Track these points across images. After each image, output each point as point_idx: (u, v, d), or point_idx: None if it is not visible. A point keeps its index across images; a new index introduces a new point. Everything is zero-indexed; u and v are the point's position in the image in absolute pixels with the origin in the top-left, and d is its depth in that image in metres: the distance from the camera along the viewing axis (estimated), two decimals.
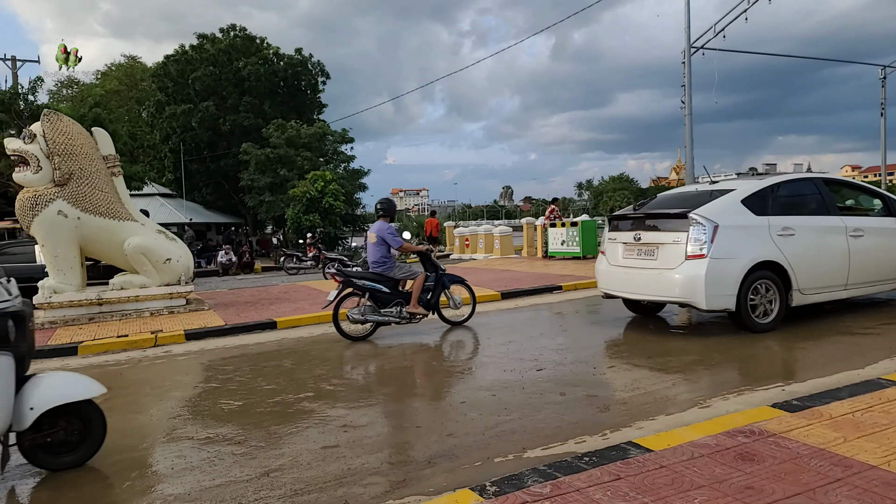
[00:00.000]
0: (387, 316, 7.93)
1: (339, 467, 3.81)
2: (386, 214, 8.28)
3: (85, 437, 4.13)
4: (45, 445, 3.99)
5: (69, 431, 4.07)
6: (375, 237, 8.12)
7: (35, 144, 9.68)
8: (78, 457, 4.09)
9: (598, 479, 3.12)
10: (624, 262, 7.57)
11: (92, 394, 4.16)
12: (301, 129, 32.61)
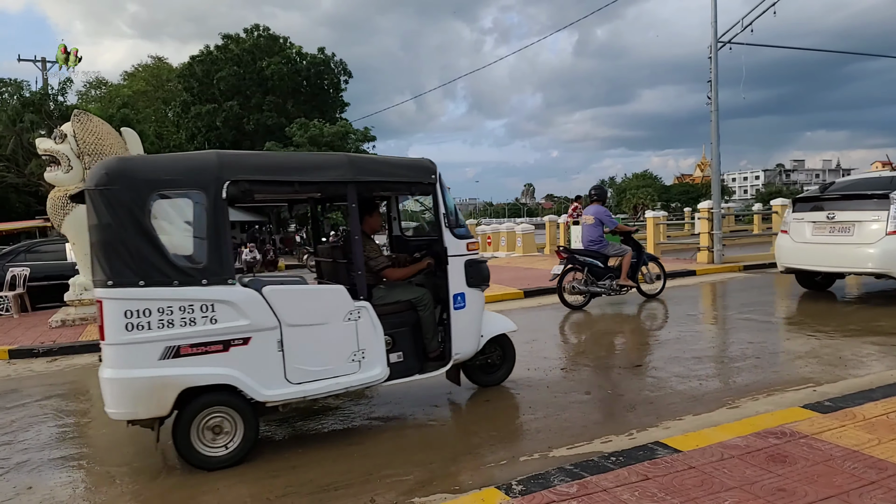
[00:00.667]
0: (601, 288, 9.07)
1: (365, 464, 3.83)
2: (599, 199, 9.61)
3: (503, 361, 5.36)
4: (483, 366, 5.25)
5: (495, 356, 5.31)
6: (593, 219, 9.29)
7: (66, 144, 9.88)
8: (499, 376, 5.34)
9: (626, 479, 3.10)
10: (813, 239, 8.50)
11: (510, 329, 5.29)
12: (324, 128, 32.85)
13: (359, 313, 4.26)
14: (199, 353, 3.76)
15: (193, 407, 3.81)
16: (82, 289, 10.05)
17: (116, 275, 3.63)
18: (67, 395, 6.23)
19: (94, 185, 3.65)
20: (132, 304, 3.62)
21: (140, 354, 3.65)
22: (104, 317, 3.63)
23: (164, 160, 4.09)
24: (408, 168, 4.66)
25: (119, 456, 4.31)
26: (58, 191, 9.94)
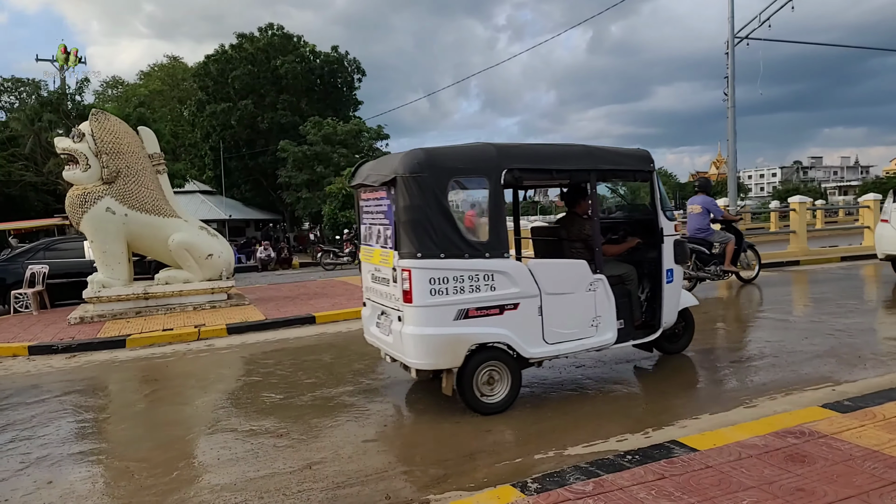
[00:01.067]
0: (707, 273, 9.62)
1: (380, 461, 3.85)
2: (703, 190, 10.20)
3: (685, 331, 5.97)
4: (670, 335, 5.76)
5: (680, 327, 5.85)
6: (700, 208, 9.88)
7: (84, 143, 9.99)
8: (681, 345, 5.98)
9: (642, 477, 3.08)
10: None
11: (693, 303, 5.92)
12: (337, 127, 32.94)
13: (596, 284, 4.88)
14: (483, 316, 4.47)
15: (476, 360, 4.52)
16: (100, 286, 10.17)
17: (424, 248, 4.33)
18: (86, 390, 6.31)
19: (409, 173, 4.31)
20: (435, 273, 4.35)
21: (440, 315, 4.38)
22: (412, 283, 4.34)
23: (457, 151, 4.65)
24: (632, 158, 5.20)
25: (137, 451, 4.36)
26: (76, 189, 10.06)
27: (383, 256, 4.85)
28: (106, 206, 9.97)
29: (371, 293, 5.26)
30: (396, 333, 4.62)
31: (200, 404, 5.53)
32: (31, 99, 35.42)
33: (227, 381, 6.55)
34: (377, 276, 5.04)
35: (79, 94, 27.44)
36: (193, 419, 5.08)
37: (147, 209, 10.35)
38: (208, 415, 5.14)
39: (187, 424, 4.97)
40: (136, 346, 8.21)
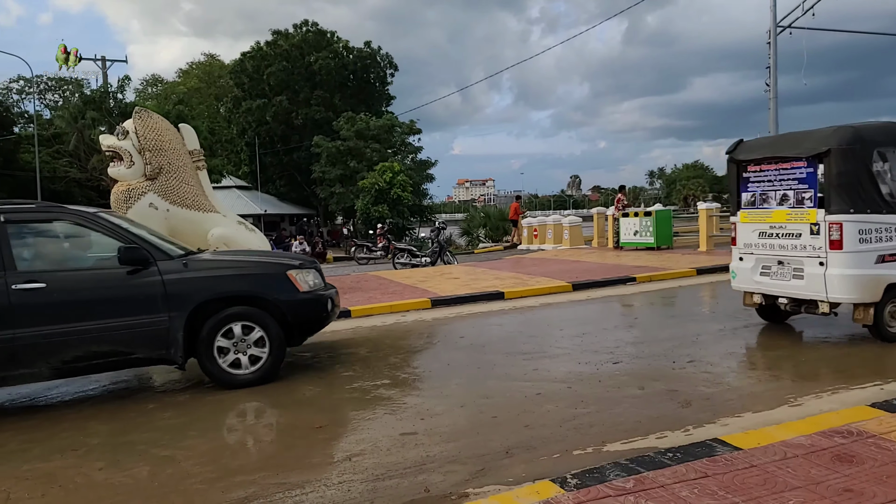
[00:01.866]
0: None
1: (418, 454, 3.88)
2: None
3: None
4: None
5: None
6: None
7: (128, 141, 10.26)
8: None
9: (684, 475, 3.05)
10: None
11: None
12: (370, 122, 33.17)
13: None
14: (892, 261, 5.80)
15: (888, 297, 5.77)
16: None
17: (854, 205, 5.67)
18: (130, 379, 6.50)
19: (843, 145, 5.62)
20: (862, 225, 5.70)
21: (864, 260, 5.73)
22: (843, 234, 5.67)
23: (878, 127, 6.01)
24: None
25: (182, 440, 4.47)
26: (120, 185, 10.34)
27: (792, 215, 6.15)
28: (149, 202, 10.23)
29: (758, 248, 6.53)
30: (813, 276, 5.89)
31: (238, 397, 5.64)
32: (74, 97, 36.49)
33: None
34: (774, 233, 6.32)
35: (120, 92, 28.13)
36: (234, 411, 5.19)
37: (188, 204, 10.59)
38: (246, 406, 5.25)
39: (229, 416, 5.08)
40: None
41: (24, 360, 5.14)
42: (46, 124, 40.55)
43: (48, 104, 53.75)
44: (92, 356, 5.31)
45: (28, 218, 5.57)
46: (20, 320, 5.07)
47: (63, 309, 5.22)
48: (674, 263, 13.18)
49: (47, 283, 5.20)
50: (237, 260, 6.37)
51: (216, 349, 5.57)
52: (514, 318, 8.52)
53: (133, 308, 5.36)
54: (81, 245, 5.93)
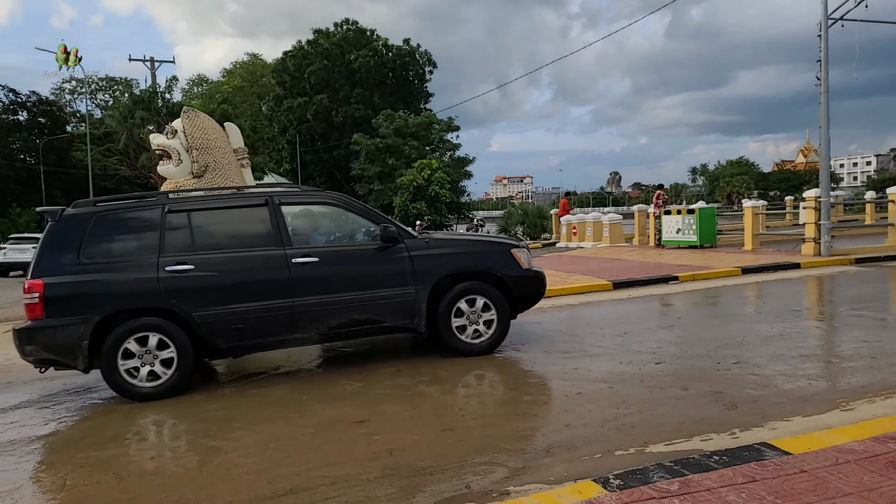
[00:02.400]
0: None
1: (459, 451, 3.90)
2: None
3: None
4: None
5: None
6: None
7: (176, 139, 10.55)
8: None
9: (731, 479, 2.99)
10: None
11: None
12: (408, 119, 33.34)
13: None
14: None
15: None
16: None
17: None
18: None
19: None
20: None
21: None
22: None
23: None
24: None
25: (228, 431, 4.59)
26: (169, 183, 10.64)
27: None
28: None
29: None
30: None
31: (283, 389, 5.76)
32: (124, 97, 37.67)
33: (311, 366, 6.79)
34: None
35: (168, 91, 28.91)
36: (277, 403, 5.30)
37: None
38: (291, 398, 5.35)
39: (271, 408, 5.19)
40: None
41: (300, 326, 5.80)
42: (98, 123, 42.06)
43: (99, 104, 55.72)
44: (352, 323, 5.94)
45: (296, 200, 6.36)
46: (298, 290, 5.73)
47: (332, 281, 5.87)
48: (718, 262, 12.89)
49: (319, 257, 5.87)
50: (469, 239, 7.29)
51: (453, 321, 6.16)
52: (553, 317, 8.46)
53: (386, 281, 5.98)
54: (339, 224, 6.61)
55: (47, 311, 5.26)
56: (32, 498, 3.69)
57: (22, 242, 22.55)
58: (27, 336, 5.31)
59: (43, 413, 5.35)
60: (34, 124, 49.82)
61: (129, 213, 5.82)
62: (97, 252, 5.47)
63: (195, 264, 5.56)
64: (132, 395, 5.41)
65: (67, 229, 5.48)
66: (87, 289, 5.36)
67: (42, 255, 5.37)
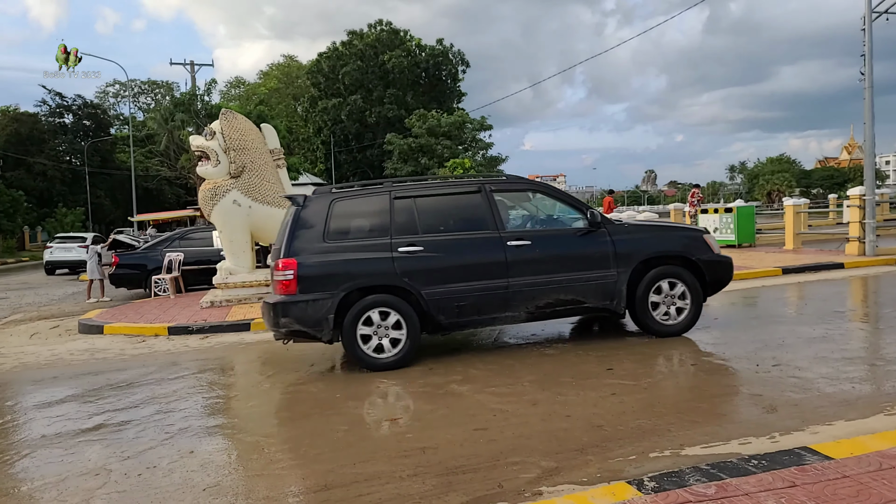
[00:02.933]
0: None
1: (491, 450, 3.90)
2: None
3: None
4: None
5: None
6: None
7: (214, 141, 10.80)
8: None
9: (770, 484, 2.93)
10: None
11: None
12: (441, 119, 33.40)
13: None
14: None
15: None
16: (228, 273, 10.97)
17: None
18: (218, 369, 6.86)
19: None
20: None
21: None
22: None
23: None
24: None
25: (265, 427, 4.69)
26: (207, 183, 10.90)
27: None
28: (233, 199, 10.74)
29: None
30: None
31: (319, 386, 5.84)
32: (165, 100, 38.59)
33: (344, 365, 6.87)
34: None
35: (207, 94, 29.48)
36: (313, 400, 5.38)
37: (268, 201, 11.04)
38: (326, 396, 5.43)
39: (308, 404, 5.28)
40: (260, 329, 8.80)
41: (512, 305, 6.18)
42: (140, 126, 43.23)
43: (141, 107, 57.26)
44: (557, 304, 6.29)
45: (504, 187, 6.76)
46: (513, 271, 6.12)
47: (543, 263, 6.23)
48: (757, 262, 12.60)
49: (531, 240, 6.25)
50: (664, 225, 7.70)
51: (650, 303, 6.42)
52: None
53: (591, 264, 6.30)
54: (544, 209, 7.05)
55: (300, 287, 5.81)
56: (77, 489, 3.82)
57: (67, 241, 23.29)
58: (283, 309, 5.85)
59: (87, 407, 5.53)
60: (79, 127, 51.51)
61: (360, 199, 6.37)
62: (338, 234, 6.03)
63: (423, 246, 6.04)
64: (369, 366, 5.95)
65: (312, 214, 6.04)
66: (334, 267, 5.90)
67: (293, 237, 5.93)
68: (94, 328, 9.44)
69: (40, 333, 9.71)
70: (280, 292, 5.87)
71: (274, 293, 6.01)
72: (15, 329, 10.29)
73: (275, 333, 6.12)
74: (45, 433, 4.82)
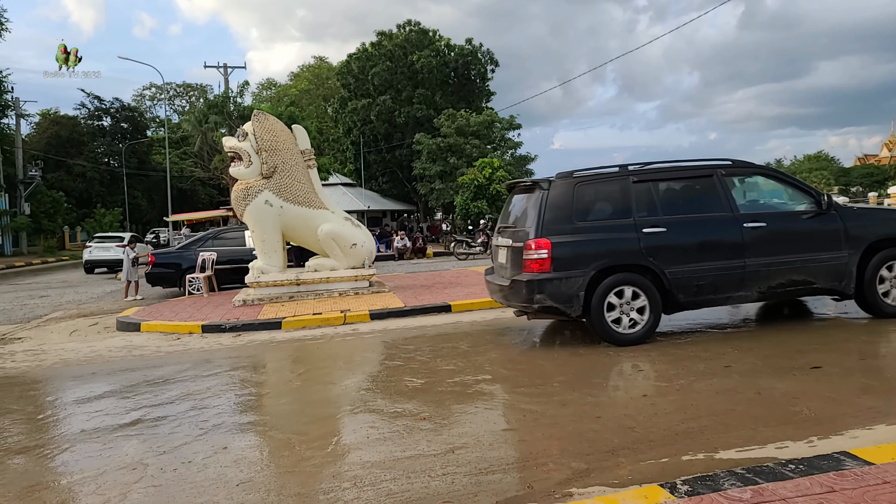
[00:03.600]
0: None
1: (521, 450, 3.89)
2: None
3: None
4: None
5: None
6: None
7: (247, 142, 10.96)
8: None
9: (808, 489, 2.86)
10: None
11: None
12: (470, 118, 33.35)
13: None
14: None
15: None
16: (260, 272, 11.13)
17: None
18: (250, 367, 6.96)
19: None
20: None
21: None
22: None
23: None
24: None
25: (295, 425, 4.75)
26: (240, 184, 11.07)
27: None
28: (265, 199, 10.89)
29: None
30: None
31: (349, 385, 5.90)
32: (199, 102, 39.31)
33: (372, 364, 6.92)
34: None
35: (240, 96, 29.91)
36: (343, 398, 5.43)
37: (299, 201, 11.17)
38: (356, 395, 5.47)
39: (338, 403, 5.33)
40: (290, 327, 8.92)
41: (746, 285, 6.46)
42: (175, 128, 44.15)
43: (176, 109, 58.48)
44: (789, 284, 6.53)
45: (734, 172, 6.86)
46: (749, 252, 6.39)
47: (777, 244, 6.48)
48: None
49: (766, 222, 6.52)
50: (890, 209, 7.86)
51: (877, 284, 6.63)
52: None
53: (822, 245, 6.52)
54: (772, 192, 7.26)
55: (554, 265, 6.22)
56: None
57: (106, 241, 23.88)
58: (538, 286, 6.26)
59: (124, 403, 5.66)
60: (117, 129, 52.84)
61: (602, 183, 6.63)
62: (584, 216, 6.42)
63: (666, 227, 6.37)
64: (616, 341, 6.30)
65: (558, 197, 6.40)
66: (584, 247, 6.28)
67: (544, 218, 6.32)
68: (131, 325, 9.67)
69: (80, 330, 9.99)
70: (533, 270, 6.27)
71: (521, 272, 6.41)
72: (56, 326, 10.60)
73: (519, 309, 6.70)
74: (84, 428, 4.95)
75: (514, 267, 6.62)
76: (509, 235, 6.92)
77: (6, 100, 37.68)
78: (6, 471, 4.15)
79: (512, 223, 6.98)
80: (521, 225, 6.65)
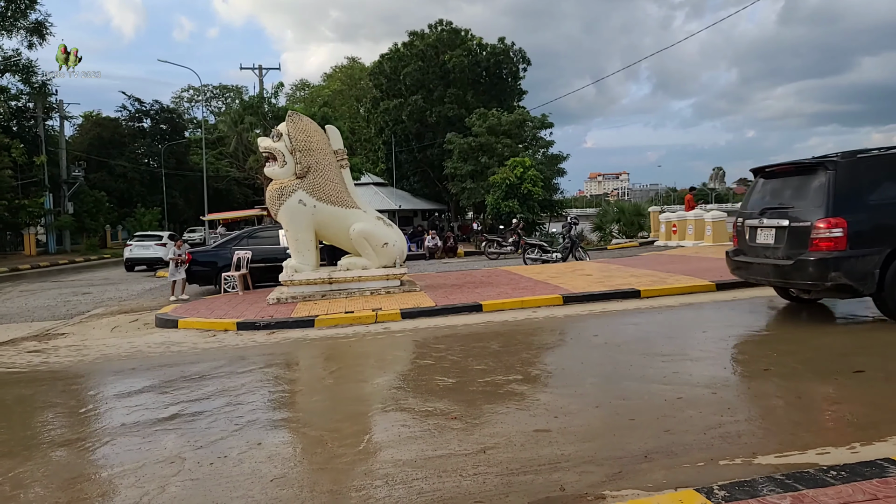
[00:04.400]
0: None
1: (552, 452, 3.86)
2: None
3: None
4: None
5: None
6: None
7: (281, 142, 11.12)
8: None
9: (850, 496, 2.77)
10: None
11: None
12: (502, 117, 33.21)
13: None
14: None
15: None
16: (293, 270, 11.28)
17: None
18: (284, 364, 7.07)
19: None
20: None
21: None
22: None
23: None
24: None
25: (328, 422, 4.80)
26: (275, 183, 11.23)
27: None
28: (299, 199, 11.03)
29: None
30: None
31: (380, 383, 5.94)
32: (234, 103, 40.00)
33: (403, 362, 6.95)
34: None
35: (274, 97, 30.31)
36: (374, 396, 5.47)
37: (332, 201, 11.28)
38: (387, 393, 5.51)
39: (370, 401, 5.37)
40: (323, 325, 9.01)
41: None
42: (211, 129, 45.05)
43: (213, 110, 59.65)
44: None
45: None
46: None
47: None
48: None
49: None
50: None
51: None
52: (652, 318, 8.17)
53: None
54: None
55: (850, 243, 6.34)
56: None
57: (146, 240, 24.49)
58: (834, 264, 6.37)
59: (163, 398, 5.79)
60: (156, 131, 54.19)
61: (888, 162, 6.68)
62: (875, 194, 6.47)
63: None
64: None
65: (845, 177, 6.48)
66: (879, 225, 6.41)
67: (835, 197, 6.42)
68: (169, 322, 9.89)
69: (120, 327, 10.27)
70: (823, 249, 6.38)
71: (805, 251, 6.53)
72: (97, 322, 10.91)
73: (802, 288, 6.87)
74: (124, 422, 5.08)
75: (794, 246, 6.72)
76: (779, 216, 7.01)
77: (51, 102, 38.95)
78: (49, 463, 4.29)
79: (780, 204, 7.06)
80: (799, 205, 6.74)
